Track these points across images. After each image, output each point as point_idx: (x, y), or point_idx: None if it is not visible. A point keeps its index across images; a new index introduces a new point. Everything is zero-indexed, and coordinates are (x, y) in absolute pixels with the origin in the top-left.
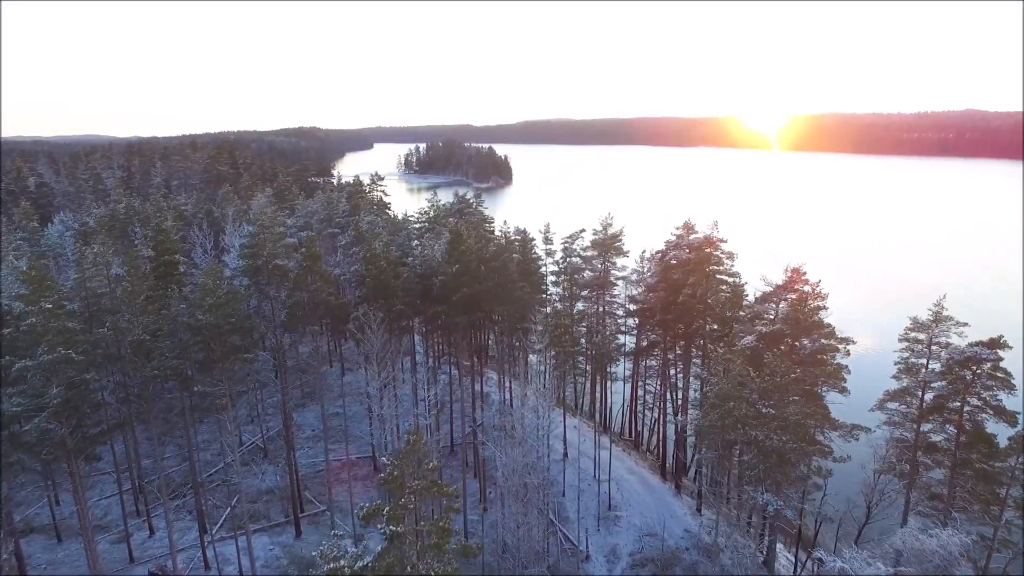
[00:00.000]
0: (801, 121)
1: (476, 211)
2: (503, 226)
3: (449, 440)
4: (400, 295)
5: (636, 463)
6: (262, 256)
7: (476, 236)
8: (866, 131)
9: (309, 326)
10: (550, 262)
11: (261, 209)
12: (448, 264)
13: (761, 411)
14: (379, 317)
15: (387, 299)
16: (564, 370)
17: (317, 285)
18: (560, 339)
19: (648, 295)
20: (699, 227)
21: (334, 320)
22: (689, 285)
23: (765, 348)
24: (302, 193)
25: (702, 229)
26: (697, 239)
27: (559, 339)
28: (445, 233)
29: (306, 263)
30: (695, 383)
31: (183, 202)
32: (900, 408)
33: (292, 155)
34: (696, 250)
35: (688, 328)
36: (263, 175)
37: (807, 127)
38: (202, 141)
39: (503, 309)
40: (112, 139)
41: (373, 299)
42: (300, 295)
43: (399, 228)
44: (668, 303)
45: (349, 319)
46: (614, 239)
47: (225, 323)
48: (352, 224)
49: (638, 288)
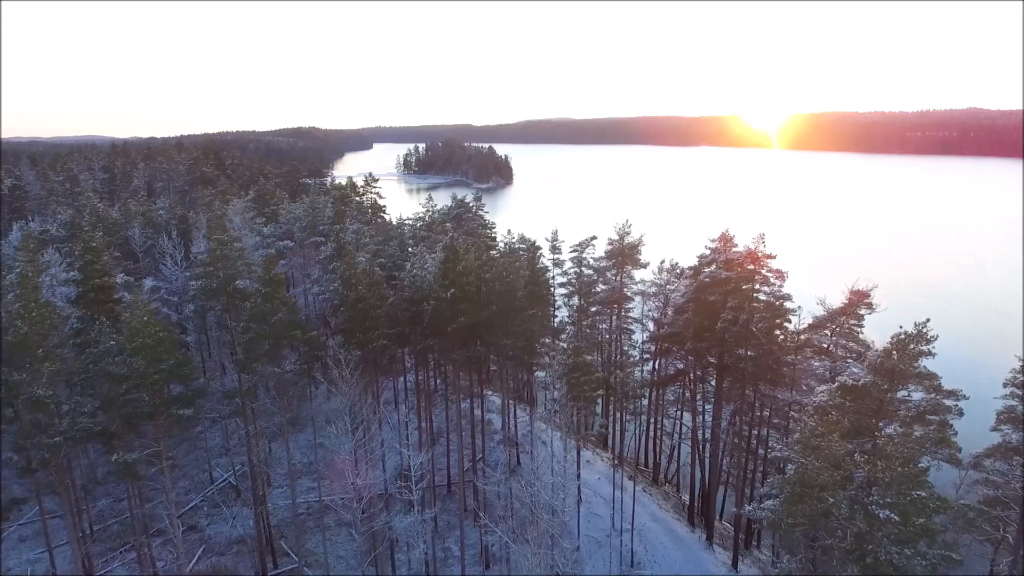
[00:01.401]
0: (803, 120)
1: (476, 216)
2: (507, 235)
3: (446, 477)
4: (384, 326)
5: (659, 506)
6: (218, 277)
7: (476, 250)
8: (869, 130)
9: (271, 367)
10: (558, 273)
11: (239, 215)
12: (442, 287)
13: (875, 513)
14: (356, 357)
15: (367, 332)
16: (580, 409)
17: (279, 317)
18: (579, 383)
19: (676, 317)
20: (739, 238)
21: (303, 358)
22: (728, 309)
23: (851, 406)
24: (287, 197)
25: (743, 241)
26: (737, 254)
27: (578, 383)
28: (438, 248)
29: (266, 290)
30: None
31: (155, 207)
32: (1001, 467)
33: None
34: (737, 267)
35: (724, 359)
36: (251, 177)
37: (809, 126)
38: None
39: (509, 342)
40: (113, 140)
41: (350, 332)
42: (258, 329)
43: (390, 236)
44: (701, 329)
45: (320, 357)
46: (632, 249)
47: (154, 371)
48: (334, 234)
49: (655, 302)
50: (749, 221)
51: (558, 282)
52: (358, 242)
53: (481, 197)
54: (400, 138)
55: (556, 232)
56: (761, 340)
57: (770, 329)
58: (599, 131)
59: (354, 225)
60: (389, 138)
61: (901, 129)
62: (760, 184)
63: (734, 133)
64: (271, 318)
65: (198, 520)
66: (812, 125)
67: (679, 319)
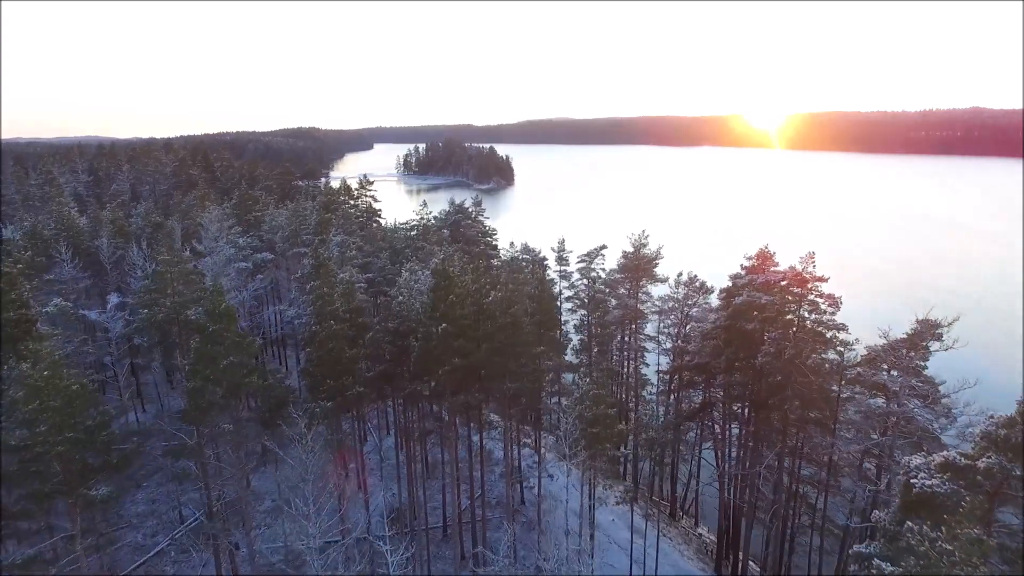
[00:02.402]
0: (805, 119)
1: (475, 222)
2: (509, 247)
3: (440, 518)
4: (360, 371)
5: (681, 553)
6: (164, 307)
7: (474, 272)
8: (871, 129)
9: (223, 421)
10: (565, 286)
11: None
12: (431, 319)
13: None
14: (325, 409)
15: (338, 379)
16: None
17: (229, 362)
18: (599, 438)
19: (702, 343)
20: (780, 254)
21: (265, 408)
22: (770, 342)
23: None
24: (273, 202)
25: (785, 258)
26: (778, 274)
27: (598, 438)
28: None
29: (213, 327)
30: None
31: (128, 214)
32: None
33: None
34: (778, 290)
35: (764, 397)
36: (239, 180)
37: (811, 126)
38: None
39: (514, 386)
40: (114, 140)
41: (317, 378)
42: (205, 374)
43: (381, 247)
44: (734, 361)
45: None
46: (649, 263)
47: (56, 439)
48: (312, 248)
49: (673, 317)
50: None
51: (565, 295)
52: (343, 255)
53: (481, 202)
54: (401, 138)
55: (562, 241)
56: (809, 376)
57: (820, 364)
58: (600, 131)
59: (339, 236)
60: (390, 138)
61: (905, 129)
62: (767, 185)
63: (736, 133)
64: (220, 362)
65: (164, 568)
66: (814, 125)
67: (706, 346)
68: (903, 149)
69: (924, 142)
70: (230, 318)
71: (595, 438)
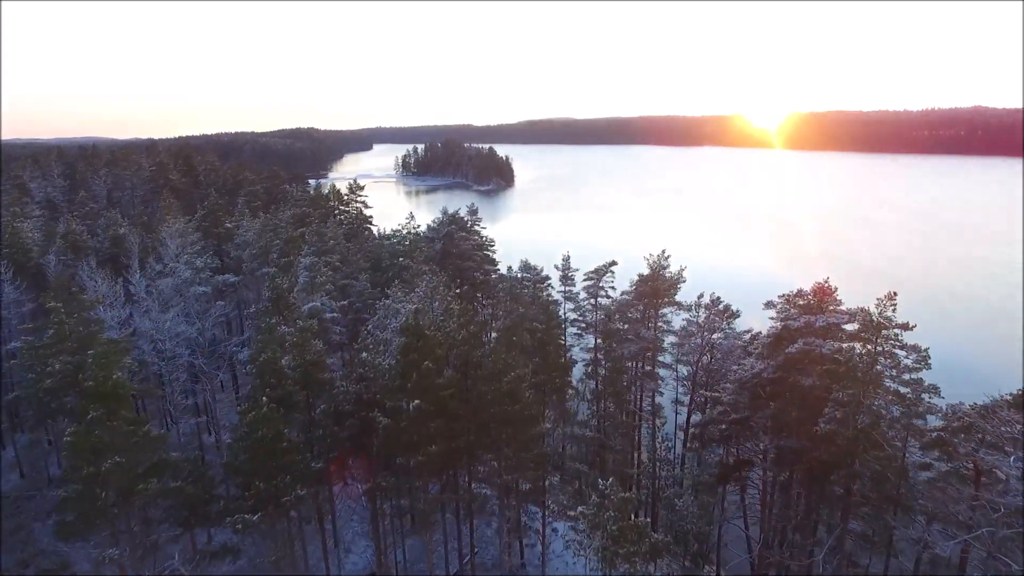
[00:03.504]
0: (807, 119)
1: (471, 232)
2: (508, 271)
3: None
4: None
5: None
6: (50, 375)
7: (462, 317)
8: (874, 128)
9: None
10: (570, 308)
11: (177, 239)
12: (400, 390)
13: None
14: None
15: (271, 479)
16: None
17: (115, 462)
18: (628, 557)
19: (737, 392)
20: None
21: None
22: (835, 403)
23: None
24: (254, 211)
25: (848, 297)
26: (842, 315)
27: (626, 556)
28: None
29: (93, 412)
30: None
31: (91, 225)
32: None
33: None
34: (842, 336)
35: (824, 469)
36: (226, 185)
37: (813, 125)
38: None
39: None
40: (113, 141)
41: (246, 474)
42: (88, 473)
43: (360, 267)
44: (784, 420)
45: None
46: (669, 287)
47: None
48: (271, 278)
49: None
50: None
51: (569, 316)
52: (312, 281)
53: (477, 210)
54: (400, 139)
55: (567, 259)
56: (886, 449)
57: (899, 433)
58: (601, 131)
59: (308, 258)
60: (389, 139)
61: (908, 128)
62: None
63: (738, 132)
64: (108, 458)
65: None
66: (816, 124)
67: (740, 396)
68: (906, 149)
69: (927, 141)
70: (121, 399)
71: (618, 535)
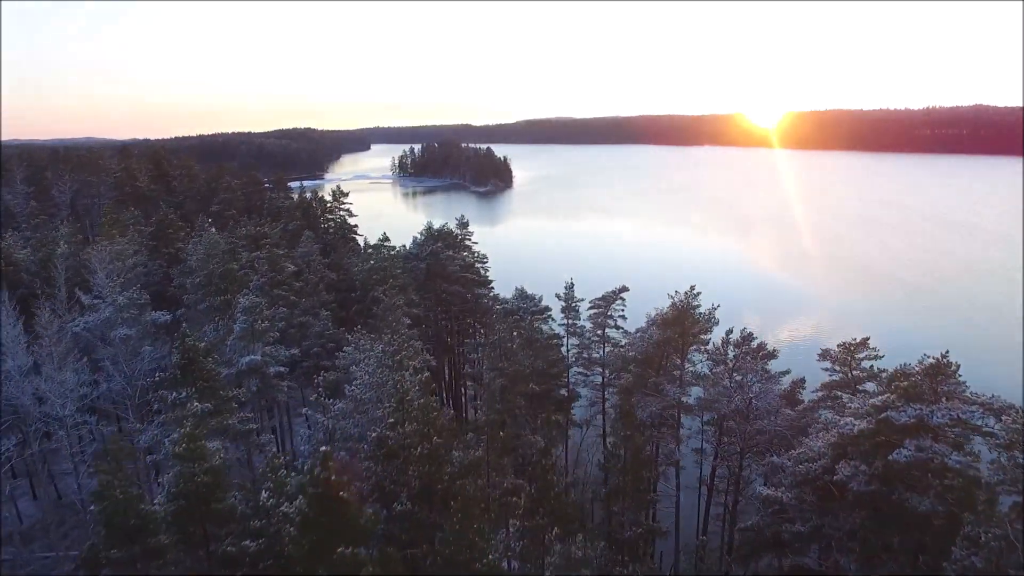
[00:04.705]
0: (807, 118)
1: (462, 247)
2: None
3: None
4: None
5: None
6: None
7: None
8: (875, 127)
9: None
10: (573, 343)
11: (106, 265)
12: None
13: None
14: None
15: None
16: None
17: None
18: None
19: (799, 489)
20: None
21: None
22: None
23: None
24: (212, 225)
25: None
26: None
27: None
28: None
29: None
30: None
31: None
32: None
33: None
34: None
35: None
36: (200, 192)
37: (814, 124)
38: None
39: None
40: (111, 141)
41: None
42: None
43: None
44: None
45: None
46: (700, 329)
47: None
48: (181, 336)
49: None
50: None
51: (571, 352)
52: (252, 329)
53: (468, 224)
54: (399, 139)
55: (571, 287)
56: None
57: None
58: (601, 131)
59: (248, 298)
60: (387, 139)
61: (909, 127)
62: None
63: (738, 132)
64: None
65: None
66: (817, 123)
67: (804, 494)
68: (908, 148)
69: (930, 140)
70: None
71: None
